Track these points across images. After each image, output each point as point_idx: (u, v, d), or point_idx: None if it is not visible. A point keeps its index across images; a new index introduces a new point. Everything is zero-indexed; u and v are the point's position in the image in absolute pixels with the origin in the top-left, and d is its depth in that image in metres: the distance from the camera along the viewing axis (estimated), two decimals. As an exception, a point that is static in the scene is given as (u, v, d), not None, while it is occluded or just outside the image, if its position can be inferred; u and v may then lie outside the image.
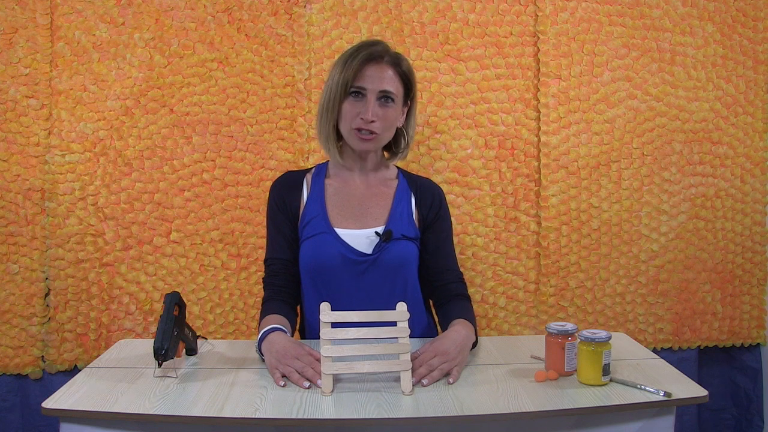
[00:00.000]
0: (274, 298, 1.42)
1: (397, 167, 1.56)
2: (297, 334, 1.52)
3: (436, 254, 1.46)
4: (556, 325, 1.19)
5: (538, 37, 1.93)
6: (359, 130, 1.39)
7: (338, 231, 1.40)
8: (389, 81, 1.41)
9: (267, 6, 1.88)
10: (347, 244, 1.39)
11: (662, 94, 1.98)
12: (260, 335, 1.26)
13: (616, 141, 1.97)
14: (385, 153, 1.53)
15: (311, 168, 1.54)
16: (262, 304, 1.43)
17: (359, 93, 1.39)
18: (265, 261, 1.47)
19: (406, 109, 1.48)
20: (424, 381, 1.15)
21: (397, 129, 1.48)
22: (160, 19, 1.85)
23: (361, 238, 1.39)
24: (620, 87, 1.96)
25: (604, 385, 1.14)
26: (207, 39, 1.87)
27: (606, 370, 1.13)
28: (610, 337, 1.14)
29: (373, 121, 1.38)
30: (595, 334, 1.14)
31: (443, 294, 1.45)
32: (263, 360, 1.25)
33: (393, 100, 1.41)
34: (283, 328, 1.28)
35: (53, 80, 1.83)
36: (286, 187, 1.48)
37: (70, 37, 1.83)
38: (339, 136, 1.46)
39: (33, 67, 1.82)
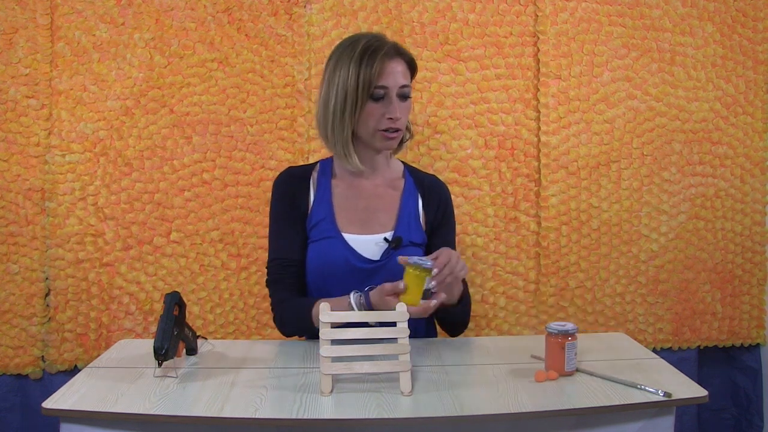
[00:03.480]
0: (293, 296, 1.40)
1: (403, 163, 1.54)
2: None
3: None
4: (556, 325, 1.19)
5: (538, 37, 1.93)
6: (386, 130, 1.37)
7: (345, 236, 1.39)
8: (405, 75, 1.39)
9: (267, 6, 1.88)
10: (354, 249, 1.38)
11: (662, 94, 1.98)
12: (358, 300, 1.27)
13: (616, 141, 1.97)
14: None
15: (315, 164, 1.51)
16: (280, 303, 1.40)
17: (383, 95, 1.36)
18: (271, 261, 1.43)
19: None
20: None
21: None
22: (160, 19, 1.85)
23: (369, 243, 1.39)
24: (620, 87, 1.96)
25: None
26: (207, 39, 1.87)
27: (426, 294, 1.21)
28: (433, 265, 1.20)
29: (399, 119, 1.37)
30: (423, 260, 1.20)
31: None
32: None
33: (410, 95, 1.41)
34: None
35: (53, 80, 1.83)
36: (293, 182, 1.45)
37: (70, 37, 1.83)
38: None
39: (33, 67, 1.82)
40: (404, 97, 1.39)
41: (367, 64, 1.34)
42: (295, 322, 1.39)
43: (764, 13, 2.02)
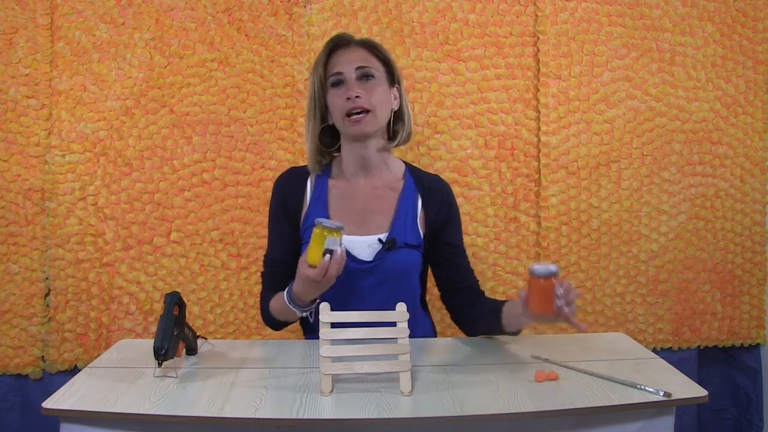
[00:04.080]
0: (274, 292, 1.42)
1: (405, 163, 1.54)
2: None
3: (453, 257, 1.46)
4: (540, 267, 1.13)
5: (538, 37, 1.93)
6: (349, 113, 1.37)
7: None
8: (364, 58, 1.41)
9: (267, 6, 1.88)
10: (347, 250, 1.37)
11: (662, 94, 1.98)
12: (287, 290, 1.30)
13: (616, 141, 1.97)
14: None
15: None
16: (264, 293, 1.44)
17: (338, 81, 1.39)
18: (265, 257, 1.48)
19: (396, 92, 1.46)
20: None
21: (395, 114, 1.46)
22: (160, 19, 1.85)
23: (363, 245, 1.38)
24: (620, 87, 1.96)
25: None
26: (207, 39, 1.87)
27: (329, 251, 1.21)
28: (342, 228, 1.21)
29: (358, 97, 1.37)
30: (328, 221, 1.20)
31: (470, 294, 1.45)
32: (294, 304, 1.30)
33: (373, 75, 1.40)
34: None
35: (53, 80, 1.83)
36: (291, 183, 1.47)
37: (70, 37, 1.83)
38: (335, 143, 1.46)
39: (33, 67, 1.82)
40: (366, 77, 1.40)
41: (319, 60, 1.42)
42: (267, 315, 1.44)
43: (764, 13, 2.02)
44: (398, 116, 1.47)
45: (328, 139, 1.47)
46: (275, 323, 1.43)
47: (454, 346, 1.40)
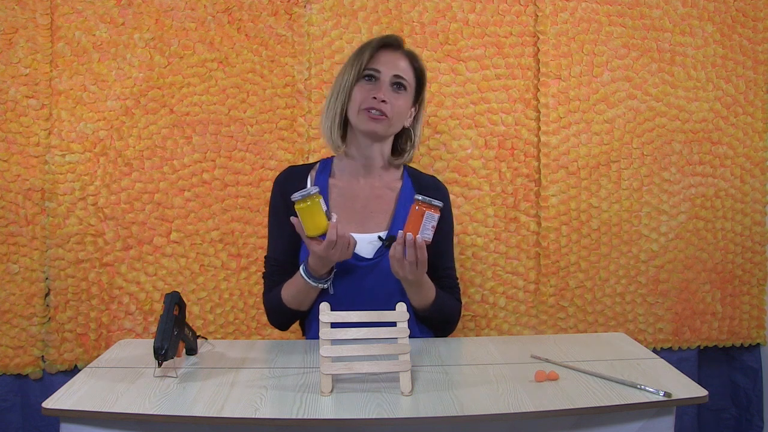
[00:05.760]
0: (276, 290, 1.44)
1: (404, 165, 1.55)
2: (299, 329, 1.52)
3: (434, 258, 1.45)
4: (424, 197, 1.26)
5: (538, 37, 1.93)
6: (369, 109, 1.38)
7: None
8: (404, 69, 1.43)
9: (267, 6, 1.88)
10: None
11: (662, 94, 1.98)
12: (302, 267, 1.35)
13: (616, 141, 1.97)
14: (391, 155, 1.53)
15: (315, 164, 1.53)
16: (267, 293, 1.46)
17: (372, 76, 1.40)
18: (266, 257, 1.48)
19: (414, 111, 1.49)
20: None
21: (404, 129, 1.48)
22: (160, 20, 1.85)
23: (363, 242, 1.39)
24: (620, 87, 1.96)
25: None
26: (207, 39, 1.87)
27: (328, 215, 1.25)
28: (318, 190, 1.25)
29: (384, 101, 1.38)
30: (304, 191, 1.24)
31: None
32: (313, 279, 1.34)
33: (405, 88, 1.42)
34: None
35: (53, 80, 1.83)
36: (291, 181, 1.47)
37: (70, 37, 1.83)
38: (344, 134, 1.47)
39: (33, 67, 1.82)
40: (399, 87, 1.41)
41: (362, 52, 1.42)
42: (274, 311, 1.45)
43: (764, 13, 2.02)
44: (407, 134, 1.49)
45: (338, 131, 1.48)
46: (285, 318, 1.44)
47: (454, 346, 1.40)
